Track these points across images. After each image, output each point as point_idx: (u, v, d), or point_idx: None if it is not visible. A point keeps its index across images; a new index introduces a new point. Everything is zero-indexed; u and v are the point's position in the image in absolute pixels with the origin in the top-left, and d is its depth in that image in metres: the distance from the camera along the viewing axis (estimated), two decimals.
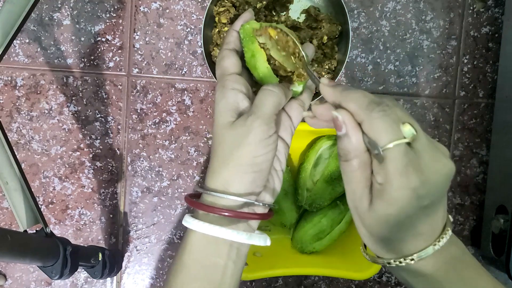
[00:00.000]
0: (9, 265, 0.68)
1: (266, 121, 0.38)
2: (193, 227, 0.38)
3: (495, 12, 0.69)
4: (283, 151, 0.42)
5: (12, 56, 0.67)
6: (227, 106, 0.39)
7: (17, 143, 0.68)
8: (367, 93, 0.34)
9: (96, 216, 0.69)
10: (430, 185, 0.33)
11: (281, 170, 0.43)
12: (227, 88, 0.40)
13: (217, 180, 0.39)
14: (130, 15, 0.67)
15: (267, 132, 0.38)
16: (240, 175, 0.38)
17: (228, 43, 0.43)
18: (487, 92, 0.69)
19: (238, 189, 0.38)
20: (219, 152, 0.39)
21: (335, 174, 0.62)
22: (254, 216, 0.39)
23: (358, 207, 0.35)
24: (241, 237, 0.38)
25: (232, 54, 0.42)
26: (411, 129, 0.33)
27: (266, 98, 0.39)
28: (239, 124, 0.38)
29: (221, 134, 0.39)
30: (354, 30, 0.68)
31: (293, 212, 0.65)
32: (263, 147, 0.38)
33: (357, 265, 0.61)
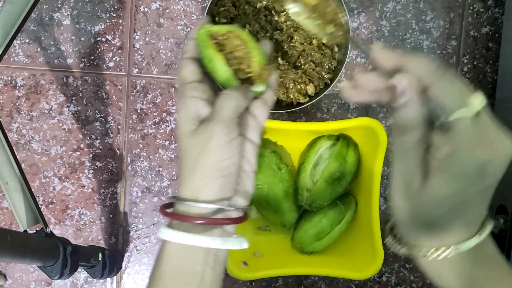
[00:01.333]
0: (9, 265, 0.68)
1: (227, 124, 0.38)
2: (168, 238, 0.38)
3: (495, 12, 0.69)
4: (251, 152, 0.42)
5: (12, 56, 0.67)
6: (188, 115, 0.40)
7: (17, 143, 0.68)
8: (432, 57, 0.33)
9: (96, 216, 0.69)
10: (497, 161, 0.30)
11: (251, 171, 0.43)
12: (186, 97, 0.40)
13: (188, 189, 0.39)
14: (130, 15, 0.67)
15: (229, 135, 0.38)
16: (208, 182, 0.38)
17: (185, 52, 0.44)
18: (487, 92, 0.69)
19: (208, 195, 0.38)
20: (185, 161, 0.40)
21: (335, 174, 0.62)
22: (227, 221, 0.39)
23: (409, 185, 0.33)
24: (215, 243, 0.38)
25: (190, 62, 0.42)
26: (483, 99, 0.30)
27: (224, 102, 0.39)
28: (201, 131, 0.39)
29: (185, 143, 0.40)
30: (354, 30, 0.68)
31: (293, 212, 0.65)
32: (227, 151, 0.38)
33: (357, 265, 0.61)
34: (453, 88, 0.31)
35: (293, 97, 0.62)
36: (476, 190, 0.31)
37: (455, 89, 0.31)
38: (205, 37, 0.42)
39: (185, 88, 0.41)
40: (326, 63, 0.63)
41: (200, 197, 0.38)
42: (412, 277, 0.70)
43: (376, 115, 0.69)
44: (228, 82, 0.42)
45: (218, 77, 0.43)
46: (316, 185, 0.63)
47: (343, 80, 0.68)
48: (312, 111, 0.68)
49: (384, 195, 0.69)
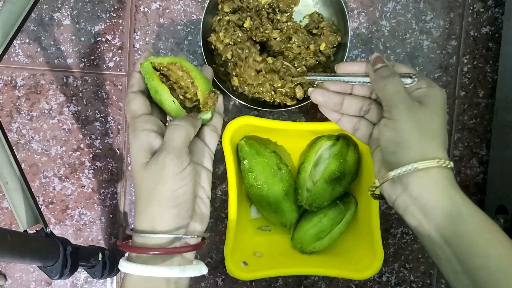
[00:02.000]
0: (9, 265, 0.68)
1: (177, 154, 0.39)
2: (127, 271, 0.39)
3: (495, 12, 0.69)
4: (205, 178, 0.44)
5: (12, 56, 0.67)
6: (140, 147, 0.41)
7: (17, 143, 0.68)
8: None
9: (96, 216, 0.69)
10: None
11: (206, 197, 0.44)
12: (137, 130, 0.41)
13: (144, 220, 0.40)
14: (130, 15, 0.67)
15: (180, 165, 0.39)
16: (164, 211, 0.39)
17: (132, 86, 0.45)
18: (487, 92, 0.69)
19: (164, 225, 0.39)
20: (140, 193, 0.40)
21: (335, 174, 0.62)
22: (184, 250, 0.40)
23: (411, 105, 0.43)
24: (173, 272, 0.39)
25: (138, 96, 0.43)
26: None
27: (173, 133, 0.40)
28: (153, 163, 0.40)
29: (139, 175, 0.40)
30: (354, 30, 0.68)
31: (293, 212, 0.65)
32: (180, 180, 0.39)
33: (357, 265, 0.61)
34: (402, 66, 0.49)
35: (280, 100, 0.62)
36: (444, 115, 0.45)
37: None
38: (150, 69, 0.44)
39: (135, 121, 0.42)
40: (319, 70, 0.63)
41: (157, 228, 0.39)
42: (412, 277, 0.70)
43: None
44: (175, 111, 0.44)
45: (166, 107, 0.44)
46: (316, 185, 0.63)
47: None
48: (312, 111, 0.68)
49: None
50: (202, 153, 0.44)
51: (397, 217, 0.70)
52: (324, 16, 0.65)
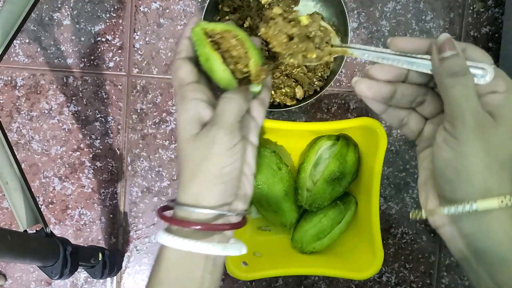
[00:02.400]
0: (9, 265, 0.68)
1: (229, 130, 0.38)
2: (167, 243, 0.38)
3: (495, 12, 0.69)
4: (251, 154, 0.42)
5: (12, 56, 0.67)
6: (189, 118, 0.39)
7: (17, 143, 0.68)
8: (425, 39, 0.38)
9: (96, 216, 0.69)
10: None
11: (251, 174, 0.42)
12: (187, 99, 0.39)
13: (188, 194, 0.39)
14: (130, 15, 0.67)
15: (231, 141, 0.38)
16: (210, 188, 0.38)
17: (179, 52, 0.42)
18: None
19: (209, 201, 0.38)
20: (186, 166, 0.39)
21: (335, 174, 0.62)
22: (226, 227, 0.39)
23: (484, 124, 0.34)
24: (215, 249, 0.37)
25: (186, 63, 0.41)
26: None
27: (226, 107, 0.38)
28: (203, 136, 0.38)
29: (186, 147, 0.39)
30: (354, 30, 0.68)
31: (293, 212, 0.65)
32: (229, 157, 0.38)
33: (357, 265, 0.61)
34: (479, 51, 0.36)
35: (279, 100, 0.62)
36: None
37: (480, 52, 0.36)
38: (201, 35, 0.41)
39: (184, 90, 0.40)
40: (319, 71, 0.63)
41: (201, 203, 0.38)
42: (412, 277, 0.70)
43: (376, 115, 0.69)
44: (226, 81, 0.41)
45: (216, 77, 0.42)
46: (316, 185, 0.63)
47: (343, 80, 0.68)
48: (312, 111, 0.68)
49: (384, 195, 0.69)
50: (248, 127, 0.42)
51: (397, 217, 0.70)
52: (324, 16, 0.65)
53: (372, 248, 0.60)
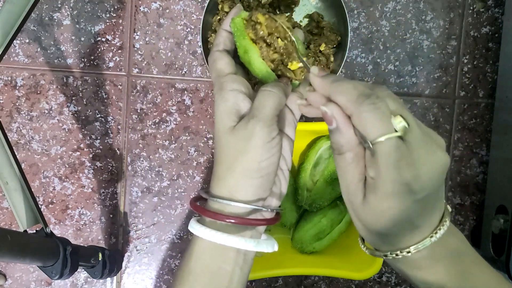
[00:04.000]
0: (9, 265, 0.68)
1: (268, 123, 0.37)
2: (200, 234, 0.37)
3: (495, 12, 0.69)
4: (288, 148, 0.41)
5: (12, 56, 0.67)
6: (227, 110, 0.38)
7: (17, 143, 0.68)
8: (358, 84, 0.33)
9: (96, 216, 0.69)
10: (424, 179, 0.32)
11: (287, 169, 0.41)
12: (225, 90, 0.39)
13: (223, 187, 0.38)
14: (130, 15, 0.67)
15: (269, 135, 0.37)
16: (246, 181, 0.37)
17: (217, 45, 0.42)
18: (487, 92, 0.69)
19: (245, 195, 0.37)
20: (223, 158, 0.38)
21: (335, 174, 0.62)
22: (261, 222, 0.39)
23: (352, 201, 0.35)
24: (249, 244, 0.37)
25: (224, 55, 0.41)
26: (402, 121, 0.32)
27: (266, 100, 0.38)
28: (241, 128, 0.37)
29: (224, 139, 0.38)
30: (354, 30, 0.68)
31: (293, 212, 0.65)
32: (267, 151, 0.37)
33: (357, 265, 0.61)
34: (373, 116, 0.32)
35: None
36: (409, 203, 0.32)
37: (375, 117, 0.32)
38: (241, 26, 0.40)
39: (223, 80, 0.39)
40: None
41: (237, 197, 0.37)
42: None
43: None
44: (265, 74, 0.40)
45: (254, 69, 0.41)
46: (316, 185, 0.63)
47: None
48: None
49: None
50: (286, 120, 0.41)
51: None
52: (324, 16, 0.65)
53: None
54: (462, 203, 0.70)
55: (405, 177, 0.31)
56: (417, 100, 0.69)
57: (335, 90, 0.34)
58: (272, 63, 0.40)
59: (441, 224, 0.35)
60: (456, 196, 0.70)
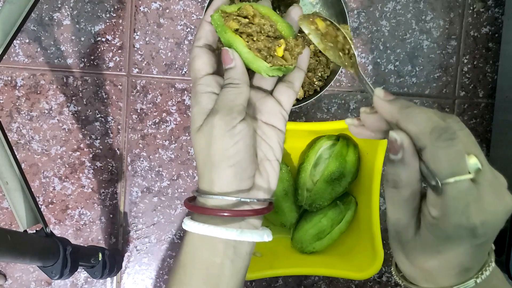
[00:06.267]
0: (9, 265, 0.68)
1: (225, 113, 0.37)
2: (187, 228, 0.39)
3: (495, 12, 0.69)
4: (275, 138, 0.41)
5: (12, 56, 0.67)
6: (199, 111, 0.39)
7: (17, 143, 0.68)
8: (431, 114, 0.30)
9: (96, 216, 0.69)
10: (490, 225, 0.30)
11: (275, 160, 0.41)
12: (198, 93, 0.40)
13: (204, 182, 0.39)
14: (130, 15, 0.67)
15: (229, 123, 0.37)
16: (218, 173, 0.38)
17: (198, 39, 0.41)
18: (487, 92, 0.69)
19: (220, 187, 0.38)
20: (197, 156, 0.40)
21: (335, 174, 0.62)
22: (246, 213, 0.39)
23: (401, 237, 0.33)
24: (230, 234, 0.37)
25: (203, 52, 0.40)
26: (477, 162, 0.30)
27: (223, 95, 0.39)
28: (205, 124, 0.39)
29: (194, 138, 0.40)
30: (354, 30, 0.68)
31: (293, 212, 0.65)
32: (230, 138, 0.37)
33: (357, 265, 0.61)
34: (448, 154, 0.29)
35: None
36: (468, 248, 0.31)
37: (450, 155, 0.29)
38: (221, 20, 0.39)
39: (198, 83, 0.40)
40: (319, 71, 0.63)
41: (214, 189, 0.38)
42: None
43: None
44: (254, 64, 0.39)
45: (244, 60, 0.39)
46: (316, 185, 0.63)
47: (343, 80, 0.68)
48: (312, 111, 0.68)
49: (384, 195, 0.69)
50: (273, 112, 0.41)
51: None
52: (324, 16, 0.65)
53: (372, 248, 0.60)
54: None
55: (472, 223, 0.29)
56: (417, 100, 0.69)
57: (406, 119, 0.31)
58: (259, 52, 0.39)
59: (486, 264, 0.33)
60: None
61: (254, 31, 0.39)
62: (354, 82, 0.68)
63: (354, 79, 0.68)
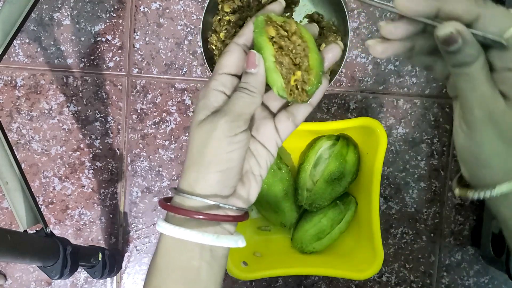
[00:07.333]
0: (9, 265, 0.68)
1: (233, 118, 0.37)
2: (162, 230, 0.38)
3: None
4: (264, 158, 0.41)
5: (12, 56, 0.67)
6: (204, 106, 0.38)
7: (17, 143, 0.68)
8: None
9: (96, 216, 0.69)
10: None
11: (259, 176, 0.41)
12: (209, 88, 0.39)
13: (185, 180, 0.38)
14: (130, 15, 0.67)
15: (233, 130, 0.37)
16: (205, 175, 0.37)
17: (239, 36, 0.41)
18: None
19: (203, 189, 0.37)
20: (189, 151, 0.39)
21: (335, 174, 0.62)
22: (222, 218, 0.38)
23: (494, 110, 0.32)
24: (207, 238, 0.37)
25: (237, 50, 0.40)
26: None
27: (236, 98, 0.38)
28: (207, 121, 0.37)
29: (192, 132, 0.39)
30: (354, 30, 0.68)
31: (293, 212, 0.65)
32: (228, 145, 0.37)
33: (357, 265, 0.61)
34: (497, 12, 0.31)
35: None
36: None
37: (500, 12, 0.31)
38: (262, 23, 0.39)
39: (214, 78, 0.39)
40: None
41: (196, 190, 0.37)
42: (412, 277, 0.70)
43: (376, 115, 0.69)
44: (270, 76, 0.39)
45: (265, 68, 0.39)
46: (316, 185, 0.63)
47: (343, 80, 0.68)
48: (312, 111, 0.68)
49: (384, 195, 0.69)
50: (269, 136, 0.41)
51: (397, 217, 0.70)
52: (324, 16, 0.65)
53: (372, 248, 0.60)
54: (462, 203, 0.70)
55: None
56: (417, 100, 0.69)
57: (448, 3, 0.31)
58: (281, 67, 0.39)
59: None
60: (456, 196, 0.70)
61: (286, 46, 0.39)
62: (354, 82, 0.68)
63: (353, 79, 0.68)
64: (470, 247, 0.70)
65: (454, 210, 0.70)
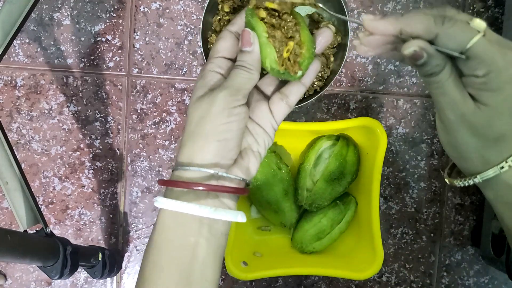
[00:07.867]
0: (9, 265, 0.68)
1: (232, 92, 0.38)
2: (159, 205, 0.38)
3: (495, 12, 0.69)
4: (262, 137, 0.41)
5: (12, 56, 0.67)
6: (202, 84, 0.40)
7: (17, 143, 0.68)
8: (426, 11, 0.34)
9: (96, 216, 0.69)
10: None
11: (258, 152, 0.41)
12: (206, 70, 0.40)
13: (184, 153, 0.38)
14: (130, 15, 0.67)
15: (231, 103, 0.38)
16: (203, 145, 0.38)
17: (232, 24, 0.42)
18: None
19: (202, 159, 0.37)
20: (187, 126, 0.39)
21: (335, 174, 0.62)
22: (220, 189, 0.38)
23: (464, 112, 0.35)
24: (204, 211, 0.36)
25: (230, 37, 0.41)
26: (480, 21, 0.33)
27: (235, 74, 0.39)
28: (206, 96, 0.39)
29: (191, 107, 0.40)
30: (354, 30, 0.68)
31: (293, 212, 0.65)
32: (226, 116, 0.38)
33: (357, 265, 0.61)
34: (457, 28, 0.33)
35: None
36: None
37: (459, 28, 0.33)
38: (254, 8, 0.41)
39: (210, 61, 0.41)
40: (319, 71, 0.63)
41: (194, 161, 0.38)
42: (412, 277, 0.70)
43: (376, 115, 0.69)
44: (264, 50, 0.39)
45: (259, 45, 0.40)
46: (316, 185, 0.63)
47: (343, 80, 0.68)
48: (312, 111, 0.68)
49: (384, 195, 0.69)
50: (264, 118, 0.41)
51: (397, 217, 0.70)
52: (324, 16, 0.65)
53: (372, 248, 0.60)
54: (462, 203, 0.70)
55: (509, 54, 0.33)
56: (417, 100, 0.69)
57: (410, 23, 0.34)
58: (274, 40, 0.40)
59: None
60: (456, 196, 0.70)
61: (278, 23, 0.40)
62: (354, 82, 0.68)
63: (353, 79, 0.68)
64: (470, 247, 0.70)
65: (454, 210, 0.70)
